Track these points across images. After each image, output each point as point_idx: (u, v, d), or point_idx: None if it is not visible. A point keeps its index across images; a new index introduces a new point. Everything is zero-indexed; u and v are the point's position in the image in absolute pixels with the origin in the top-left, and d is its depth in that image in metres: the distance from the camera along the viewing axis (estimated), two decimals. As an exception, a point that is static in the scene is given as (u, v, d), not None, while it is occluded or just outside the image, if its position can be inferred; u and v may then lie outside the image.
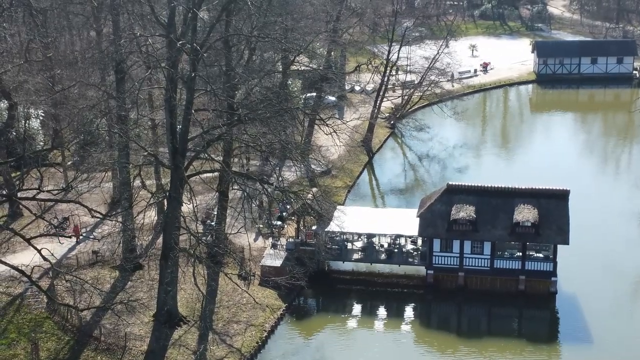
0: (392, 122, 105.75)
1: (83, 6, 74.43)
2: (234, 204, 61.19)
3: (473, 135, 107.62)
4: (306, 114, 77.93)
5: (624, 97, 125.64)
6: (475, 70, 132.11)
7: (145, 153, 54.01)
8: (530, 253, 61.09)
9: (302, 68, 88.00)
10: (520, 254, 60.65)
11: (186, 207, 54.21)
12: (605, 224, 72.31)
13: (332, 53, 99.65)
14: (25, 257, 54.06)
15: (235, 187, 59.07)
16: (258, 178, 57.47)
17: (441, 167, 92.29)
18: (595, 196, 78.87)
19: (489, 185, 61.83)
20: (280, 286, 58.87)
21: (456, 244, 61.01)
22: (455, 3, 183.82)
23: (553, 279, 60.29)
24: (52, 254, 51.59)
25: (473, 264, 61.19)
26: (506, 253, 61.24)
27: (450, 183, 62.92)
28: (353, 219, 63.62)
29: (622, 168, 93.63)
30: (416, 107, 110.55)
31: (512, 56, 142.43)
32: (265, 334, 55.14)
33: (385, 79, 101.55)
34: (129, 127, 56.07)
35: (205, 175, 60.80)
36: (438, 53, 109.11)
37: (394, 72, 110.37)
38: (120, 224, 56.21)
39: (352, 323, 58.61)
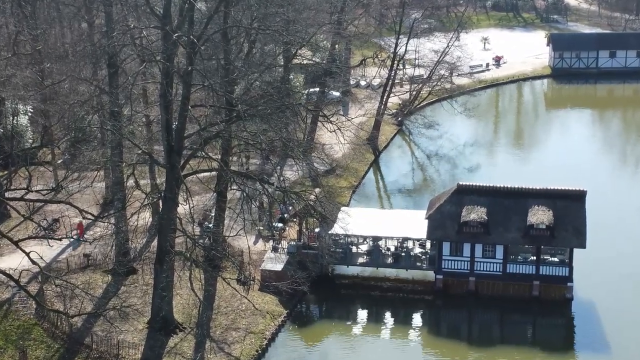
0: (399, 118, 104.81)
1: (74, -4, 75.35)
2: (232, 205, 60.86)
3: (485, 132, 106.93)
4: (309, 110, 77.31)
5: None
6: (487, 64, 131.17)
7: (140, 151, 53.74)
8: (545, 257, 60.54)
9: (305, 62, 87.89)
10: (534, 258, 60.25)
11: (182, 208, 53.82)
12: (625, 227, 71.39)
13: (337, 46, 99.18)
14: (13, 261, 54.12)
15: (234, 187, 58.75)
16: (258, 178, 57.10)
17: (451, 166, 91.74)
18: (613, 197, 77.86)
19: (502, 186, 61.49)
20: (282, 291, 58.36)
21: (467, 248, 60.65)
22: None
23: (569, 284, 59.91)
24: (41, 257, 52.11)
25: (484, 269, 60.78)
26: (519, 257, 60.88)
27: (461, 183, 62.51)
28: (358, 221, 63.13)
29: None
30: (425, 103, 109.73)
31: (526, 49, 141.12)
32: (266, 341, 54.59)
33: (392, 73, 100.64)
34: (122, 123, 55.83)
35: (202, 174, 60.30)
36: (448, 46, 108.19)
37: (401, 66, 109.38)
38: (113, 226, 55.92)
39: (356, 330, 58.26)
